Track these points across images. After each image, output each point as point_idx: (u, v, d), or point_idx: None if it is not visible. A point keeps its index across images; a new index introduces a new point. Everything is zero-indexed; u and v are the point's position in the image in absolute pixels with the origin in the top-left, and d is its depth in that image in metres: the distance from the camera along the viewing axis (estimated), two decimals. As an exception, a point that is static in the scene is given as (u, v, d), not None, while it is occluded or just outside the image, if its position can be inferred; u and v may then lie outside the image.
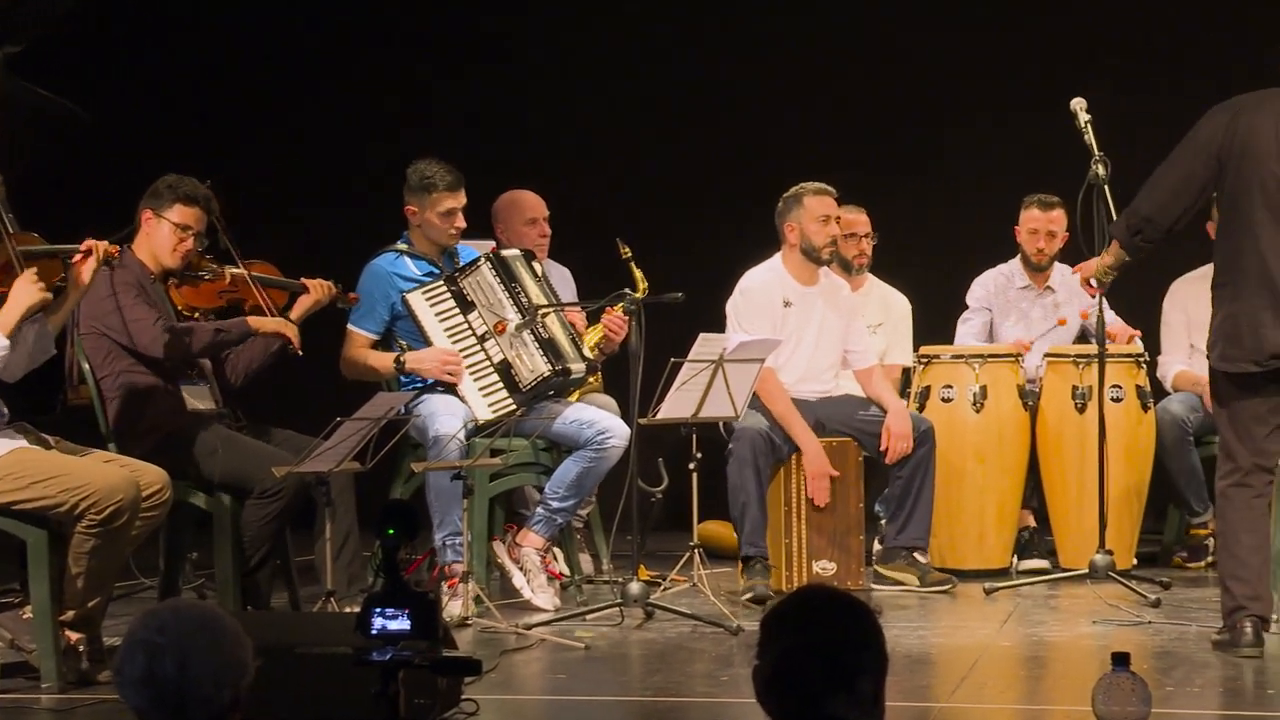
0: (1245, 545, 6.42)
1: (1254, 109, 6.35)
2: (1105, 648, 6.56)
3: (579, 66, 10.22)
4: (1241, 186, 6.33)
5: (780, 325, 8.00)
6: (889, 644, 3.33)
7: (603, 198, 9.82)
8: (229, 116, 10.25)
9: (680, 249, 9.39)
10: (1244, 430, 6.40)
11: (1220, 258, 6.45)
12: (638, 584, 7.15)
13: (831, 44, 10.01)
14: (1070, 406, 8.38)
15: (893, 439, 7.98)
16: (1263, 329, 6.27)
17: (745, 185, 9.45)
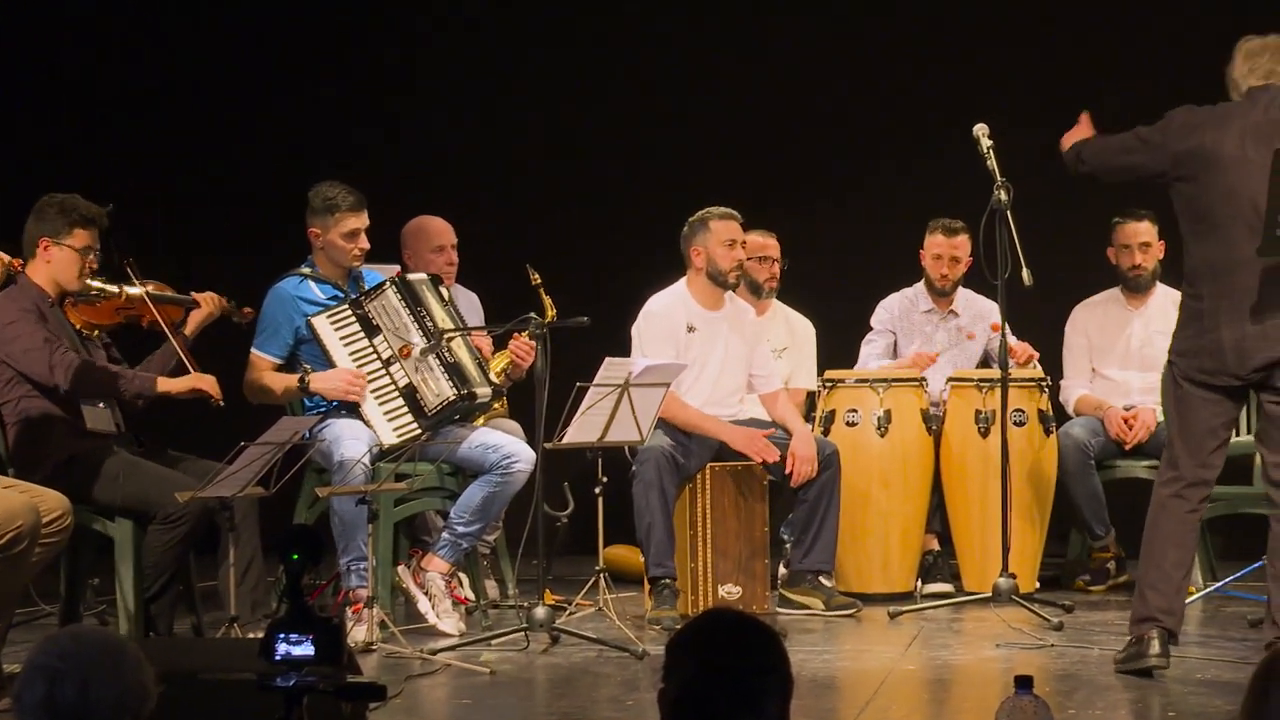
0: (1171, 559, 6.46)
1: (1219, 122, 6.41)
2: (1008, 671, 6.61)
3: (486, 93, 10.20)
4: (1216, 201, 6.35)
5: (685, 350, 8.01)
6: (794, 667, 3.33)
7: (511, 224, 9.81)
8: (129, 135, 10.18)
9: (587, 274, 9.40)
10: (1195, 443, 6.45)
11: (1196, 271, 6.47)
12: (543, 608, 7.13)
13: (736, 69, 10.04)
14: (973, 430, 8.42)
15: (798, 463, 8.00)
16: (1244, 343, 6.32)
17: (651, 209, 9.46)
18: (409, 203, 8.55)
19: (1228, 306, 6.33)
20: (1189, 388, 6.45)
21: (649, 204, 9.68)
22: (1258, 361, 6.32)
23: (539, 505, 7.23)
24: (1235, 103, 6.48)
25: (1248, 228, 6.30)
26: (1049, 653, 7.03)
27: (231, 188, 10.17)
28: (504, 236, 9.45)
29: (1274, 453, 6.41)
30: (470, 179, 10.08)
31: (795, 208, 9.44)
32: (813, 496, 8.04)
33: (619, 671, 6.73)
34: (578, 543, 8.61)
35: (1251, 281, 6.31)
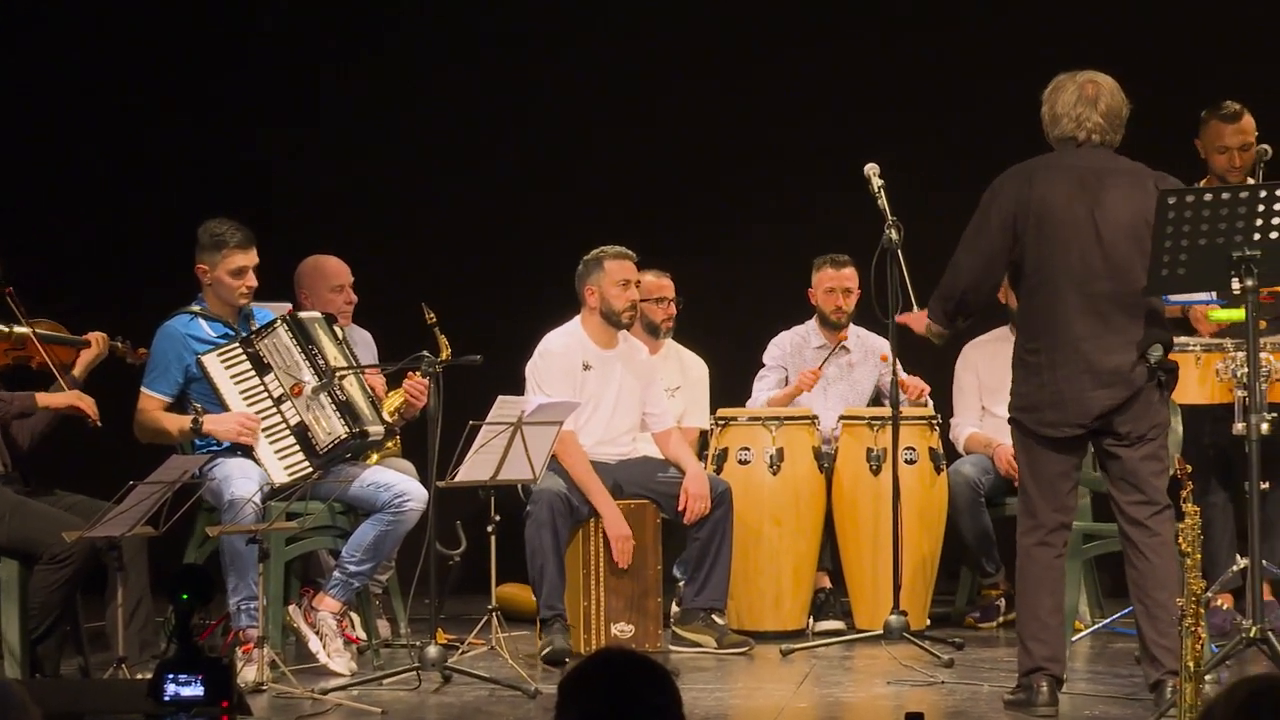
0: (1046, 607, 6.53)
1: (1043, 175, 6.48)
2: (900, 708, 6.65)
3: (381, 131, 10.18)
4: (1044, 254, 6.45)
5: (579, 388, 8.01)
6: (686, 706, 3.34)
7: (406, 263, 9.78)
8: (14, 172, 10.09)
9: (481, 313, 9.38)
10: (1048, 487, 6.52)
11: (1030, 325, 6.54)
12: (435, 647, 7.11)
13: (627, 107, 10.06)
14: (865, 468, 8.47)
15: (690, 500, 8.02)
16: (1084, 394, 6.40)
17: (545, 248, 9.47)
18: (303, 241, 8.52)
19: (1064, 359, 6.42)
20: (1033, 441, 6.53)
21: (543, 243, 9.68)
22: (1098, 410, 6.41)
23: (431, 544, 7.21)
24: (1051, 155, 6.54)
25: (1076, 278, 6.39)
26: (940, 690, 7.07)
27: (121, 225, 10.09)
28: (399, 275, 9.42)
29: (1126, 493, 6.49)
30: (365, 218, 10.05)
31: (686, 247, 9.47)
32: (705, 534, 8.06)
33: (511, 710, 6.72)
34: (470, 581, 8.58)
35: (1084, 331, 6.39)
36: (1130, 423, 6.43)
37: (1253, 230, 6.26)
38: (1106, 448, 6.51)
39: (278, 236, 8.03)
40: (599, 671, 3.33)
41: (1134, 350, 6.39)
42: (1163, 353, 6.41)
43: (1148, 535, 6.42)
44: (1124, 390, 6.40)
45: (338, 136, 10.16)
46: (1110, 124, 6.50)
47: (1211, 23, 9.53)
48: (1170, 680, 6.24)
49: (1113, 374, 6.39)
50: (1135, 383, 6.40)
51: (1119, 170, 6.46)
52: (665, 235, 9.44)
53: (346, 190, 10.15)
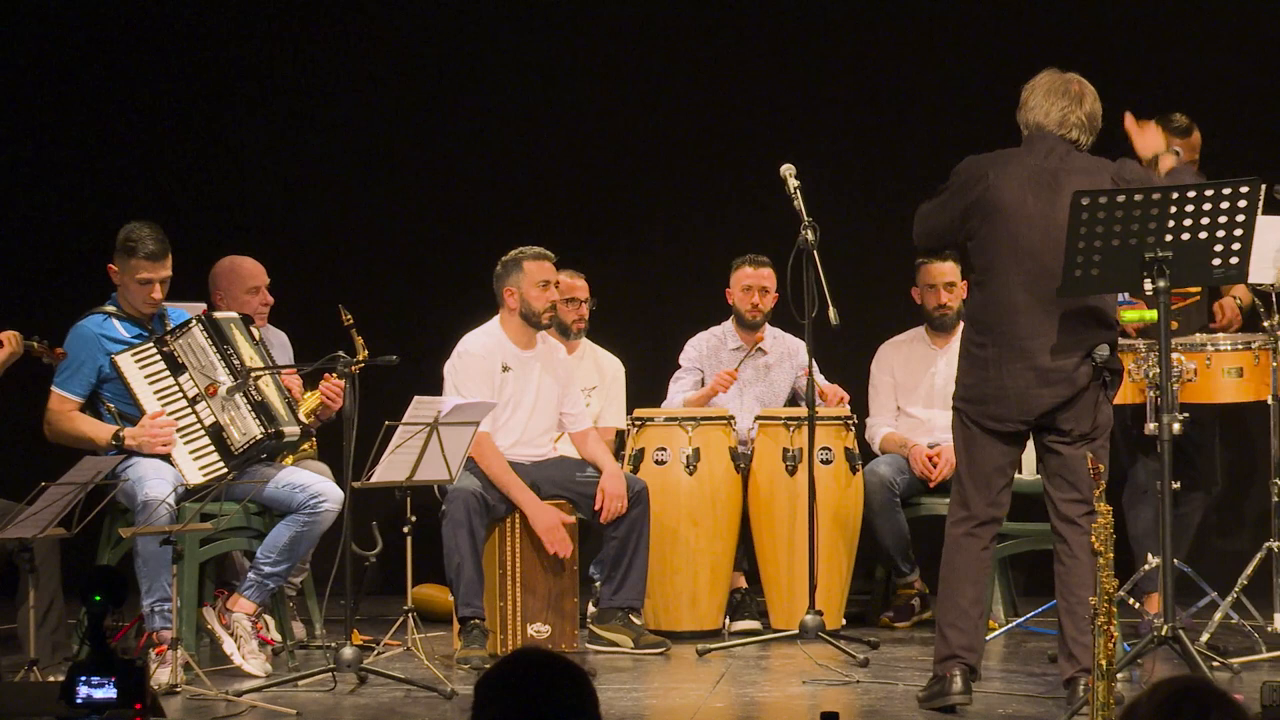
0: (968, 597, 6.57)
1: (1001, 170, 6.53)
2: (815, 707, 6.67)
3: (297, 130, 10.13)
4: (996, 249, 6.49)
5: (498, 389, 8.00)
6: (603, 706, 3.34)
7: (323, 264, 9.74)
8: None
9: (399, 314, 9.35)
10: (984, 481, 6.57)
11: (979, 318, 6.59)
12: (351, 649, 7.08)
13: (545, 112, 10.05)
14: (781, 469, 8.49)
15: (607, 500, 8.02)
16: (1028, 390, 6.45)
17: (462, 250, 9.45)
18: (219, 242, 8.47)
19: (1010, 354, 6.47)
20: (975, 431, 6.58)
21: (461, 244, 9.66)
22: (1044, 407, 6.46)
23: (347, 545, 7.19)
24: (1015, 150, 6.61)
25: (1026, 275, 6.44)
26: (854, 689, 7.10)
27: (37, 224, 10.01)
28: (316, 277, 9.38)
29: (1062, 490, 6.54)
30: (282, 219, 10.00)
31: (602, 248, 9.47)
32: (622, 534, 8.06)
33: (427, 711, 6.70)
34: (386, 582, 8.55)
35: (1031, 328, 6.44)
36: (1074, 420, 6.48)
37: (1164, 231, 6.31)
38: (1048, 443, 6.56)
39: (194, 237, 7.98)
40: (515, 672, 3.33)
41: (1080, 349, 6.44)
42: (1109, 352, 6.46)
43: (1079, 534, 6.47)
44: (1068, 389, 6.45)
45: (256, 137, 10.11)
46: (1080, 127, 6.56)
47: (1137, 25, 9.60)
48: (1083, 678, 6.28)
49: (1057, 372, 6.44)
50: (1079, 382, 6.45)
51: (1077, 170, 6.51)
52: (581, 236, 9.44)
53: (264, 191, 10.10)
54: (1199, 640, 7.34)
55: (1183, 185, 6.42)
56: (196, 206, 9.81)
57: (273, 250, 8.44)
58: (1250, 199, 6.35)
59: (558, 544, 7.87)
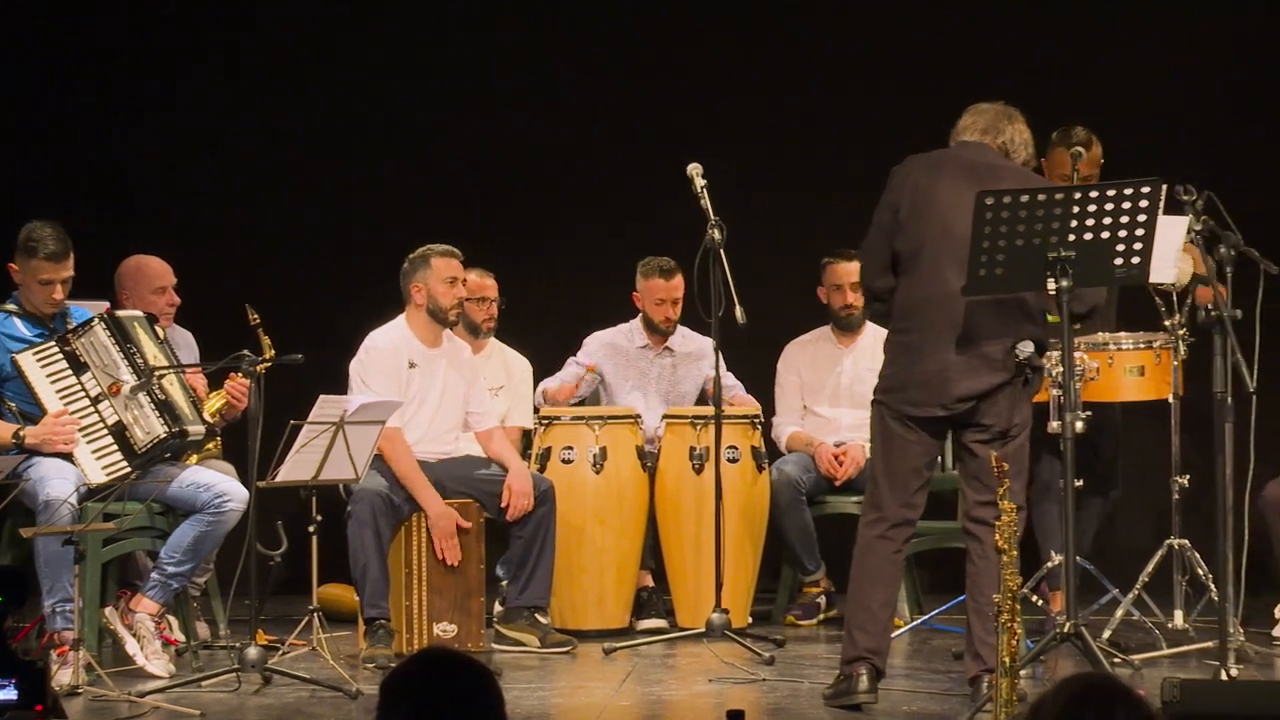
0: (878, 599, 6.60)
1: (930, 164, 6.59)
2: (721, 705, 6.69)
3: (204, 128, 10.06)
4: (924, 241, 6.53)
5: (404, 386, 7.98)
6: (509, 705, 3.34)
7: (229, 263, 9.68)
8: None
9: (304, 312, 9.30)
10: (899, 483, 6.59)
11: (905, 306, 6.62)
12: (255, 649, 7.05)
13: (451, 106, 10.02)
14: (688, 467, 8.50)
15: (514, 498, 8.01)
16: (949, 372, 6.48)
17: (371, 247, 9.41)
18: (125, 241, 8.40)
19: (933, 339, 6.51)
20: (895, 427, 6.61)
21: (368, 242, 9.63)
22: (962, 391, 6.49)
23: (252, 544, 7.15)
24: (949, 149, 6.68)
25: (957, 263, 6.47)
26: (760, 687, 7.12)
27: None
28: (222, 276, 9.32)
29: (977, 491, 6.58)
30: (188, 218, 9.93)
31: (511, 248, 9.45)
32: (528, 533, 8.06)
33: (332, 712, 6.68)
34: (291, 582, 8.52)
35: (957, 315, 6.49)
36: (994, 416, 6.51)
37: (1068, 231, 6.36)
38: (966, 442, 6.59)
39: (98, 236, 7.91)
40: (421, 672, 3.32)
41: (1004, 343, 6.48)
42: (1032, 349, 6.50)
43: (991, 534, 6.50)
44: (990, 378, 6.48)
45: (161, 136, 10.03)
46: (1012, 143, 6.65)
47: (1039, 36, 9.67)
48: (987, 676, 6.32)
49: (980, 360, 6.47)
50: (1001, 373, 6.48)
51: (1007, 169, 6.60)
52: (491, 235, 9.42)
53: (169, 190, 10.02)
54: (1101, 637, 7.41)
55: (1085, 185, 6.47)
56: (103, 205, 9.73)
57: (179, 250, 8.38)
58: (1151, 199, 6.41)
59: (448, 551, 7.85)
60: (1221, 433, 6.78)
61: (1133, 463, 9.31)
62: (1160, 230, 6.59)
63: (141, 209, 9.89)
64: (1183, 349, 7.75)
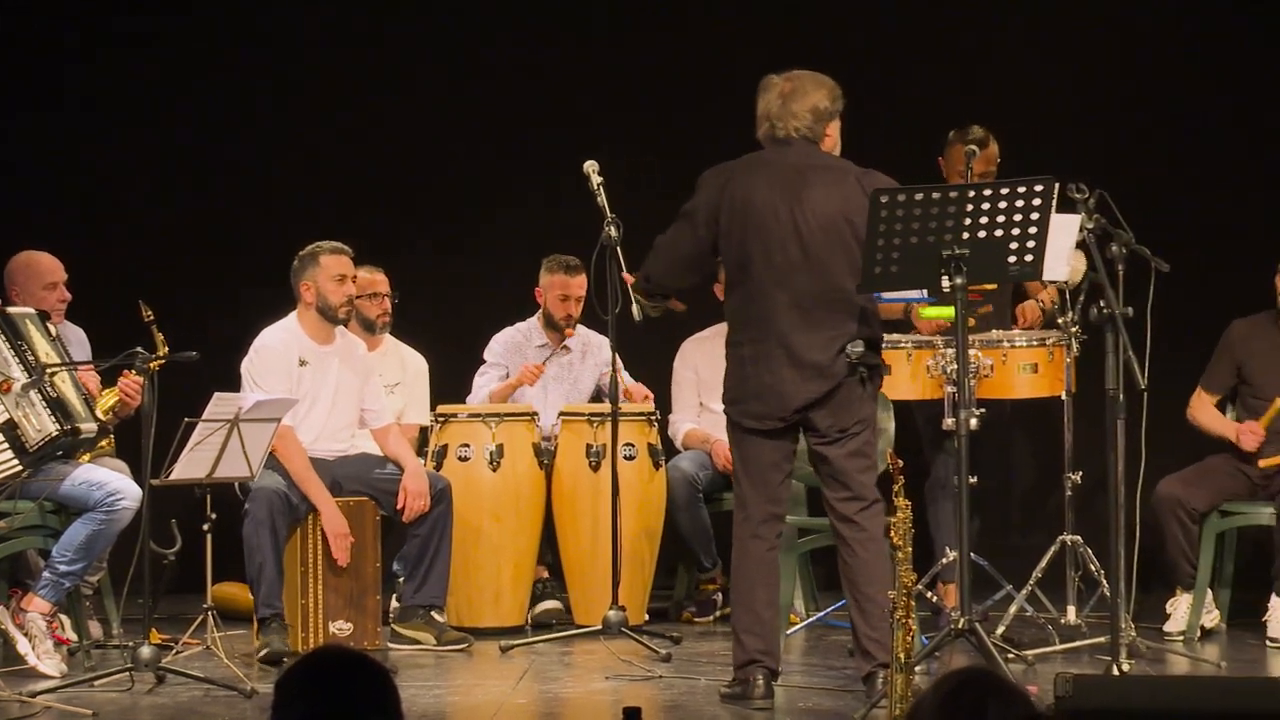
0: (760, 600, 6.62)
1: (746, 173, 6.60)
2: (618, 703, 6.69)
3: (95, 124, 9.97)
4: (748, 250, 6.56)
5: (296, 384, 7.95)
6: (405, 704, 3.33)
7: (122, 260, 9.60)
8: None
9: (198, 310, 9.24)
10: (759, 478, 6.62)
11: (734, 318, 6.67)
12: (149, 648, 7.01)
13: (343, 103, 9.97)
14: (584, 464, 8.51)
15: (410, 497, 7.99)
16: (784, 386, 6.51)
17: (264, 244, 9.35)
18: (14, 237, 8.33)
19: (765, 353, 6.54)
20: (741, 431, 6.64)
21: (259, 239, 9.56)
22: (798, 404, 6.54)
23: (145, 543, 7.11)
24: (759, 154, 6.69)
25: (779, 273, 6.52)
26: (657, 684, 7.13)
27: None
28: (114, 273, 9.24)
29: (835, 490, 6.62)
30: (80, 214, 9.84)
31: (405, 244, 9.42)
32: (425, 531, 8.04)
33: (227, 710, 6.65)
34: (185, 581, 8.45)
35: (784, 325, 6.52)
36: (830, 417, 6.54)
37: (962, 229, 6.41)
38: (814, 446, 6.64)
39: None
40: (316, 671, 3.31)
41: (835, 345, 6.51)
42: (864, 349, 6.52)
43: (857, 531, 6.55)
44: (823, 384, 6.51)
45: (52, 131, 9.93)
46: (812, 119, 6.62)
47: (935, 34, 9.72)
48: (881, 672, 6.36)
49: (812, 368, 6.51)
50: (835, 377, 6.52)
51: (820, 167, 6.59)
52: (384, 231, 9.39)
53: (60, 186, 9.93)
54: (995, 633, 7.46)
55: (978, 184, 6.52)
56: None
57: (71, 246, 8.31)
58: (1045, 198, 6.46)
59: (339, 552, 7.82)
60: (1113, 430, 6.85)
61: (1026, 460, 9.40)
62: (1053, 228, 6.65)
63: (32, 204, 9.79)
64: (1075, 346, 7.82)
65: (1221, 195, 9.26)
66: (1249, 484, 8.18)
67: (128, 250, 9.76)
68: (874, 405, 6.69)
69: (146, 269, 9.55)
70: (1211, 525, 8.11)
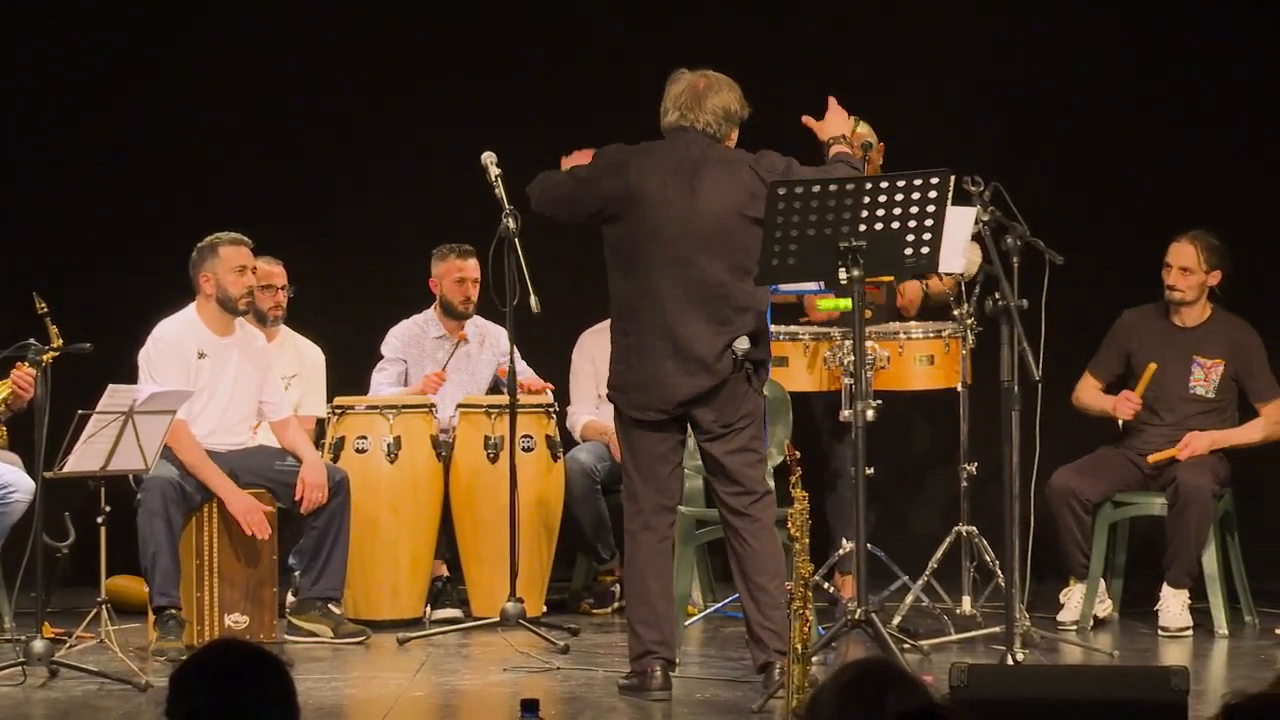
0: (653, 591, 6.63)
1: (643, 160, 6.61)
2: (516, 694, 6.69)
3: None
4: (637, 237, 6.56)
5: (195, 376, 7.89)
6: (301, 697, 3.32)
7: (16, 251, 9.50)
8: None
9: (94, 301, 9.16)
10: (648, 470, 6.63)
11: (621, 307, 6.67)
12: (41, 642, 6.95)
13: (238, 92, 9.90)
14: (483, 456, 8.49)
15: (307, 490, 7.95)
16: (667, 378, 6.52)
17: (160, 235, 9.28)
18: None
19: (649, 343, 6.56)
20: (629, 422, 6.65)
21: (156, 231, 9.48)
22: (680, 396, 6.56)
23: (38, 536, 7.05)
24: (659, 143, 6.71)
25: (668, 264, 6.53)
26: (555, 675, 7.13)
27: None
28: (7, 264, 9.15)
29: (725, 485, 6.65)
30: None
31: (300, 235, 9.36)
32: (322, 523, 8.00)
33: (121, 705, 6.60)
34: (79, 574, 8.40)
35: (671, 318, 6.54)
36: (714, 413, 6.56)
37: (859, 221, 6.44)
38: (700, 442, 6.66)
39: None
40: (212, 664, 3.29)
41: (721, 341, 6.52)
42: (749, 345, 6.54)
43: (748, 522, 6.57)
44: (708, 379, 6.53)
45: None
46: (720, 117, 6.64)
47: (821, 28, 9.75)
48: (778, 661, 6.39)
49: (697, 362, 6.52)
50: (720, 372, 6.53)
51: (715, 160, 6.60)
52: (279, 222, 9.31)
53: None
54: (891, 623, 7.51)
55: (875, 176, 6.55)
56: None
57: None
58: (940, 190, 6.50)
59: (256, 526, 7.77)
60: (1008, 421, 6.91)
61: (922, 451, 9.46)
62: (949, 220, 6.69)
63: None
64: (971, 338, 7.87)
65: (1115, 188, 9.34)
66: (1141, 475, 8.26)
67: (20, 241, 9.66)
68: (760, 400, 6.71)
69: (39, 261, 9.45)
70: (1104, 515, 8.19)
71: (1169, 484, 8.11)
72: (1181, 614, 8.03)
